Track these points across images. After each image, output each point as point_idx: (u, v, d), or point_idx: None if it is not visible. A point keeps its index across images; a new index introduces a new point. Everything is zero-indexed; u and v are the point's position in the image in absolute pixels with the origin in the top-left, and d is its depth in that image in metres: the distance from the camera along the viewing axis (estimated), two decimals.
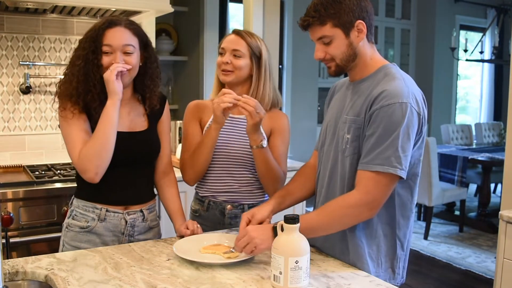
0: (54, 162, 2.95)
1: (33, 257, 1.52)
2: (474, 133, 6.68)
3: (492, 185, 6.27)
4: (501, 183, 2.72)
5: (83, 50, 1.66)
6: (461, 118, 7.96)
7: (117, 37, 1.65)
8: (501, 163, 4.55)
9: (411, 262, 1.67)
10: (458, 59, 6.65)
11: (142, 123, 1.79)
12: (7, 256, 2.27)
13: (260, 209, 1.63)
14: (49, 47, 2.95)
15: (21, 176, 2.66)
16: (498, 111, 7.86)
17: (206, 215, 1.94)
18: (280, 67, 5.60)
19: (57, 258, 1.52)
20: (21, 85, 2.89)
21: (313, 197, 1.73)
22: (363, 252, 1.49)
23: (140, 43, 1.70)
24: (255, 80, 1.86)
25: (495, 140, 6.74)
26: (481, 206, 5.27)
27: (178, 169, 1.92)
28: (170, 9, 2.76)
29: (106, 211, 1.71)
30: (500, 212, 2.20)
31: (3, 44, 2.83)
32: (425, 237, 4.86)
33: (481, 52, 6.43)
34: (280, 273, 1.30)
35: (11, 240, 2.30)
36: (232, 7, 5.03)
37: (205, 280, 1.38)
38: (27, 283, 1.42)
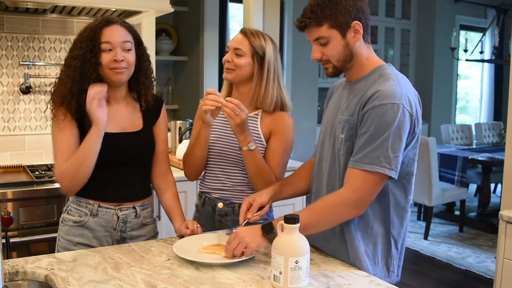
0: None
1: (33, 257, 1.53)
2: (474, 133, 6.67)
3: (492, 185, 6.27)
4: (501, 183, 2.72)
5: (80, 49, 1.66)
6: (461, 118, 7.96)
7: (115, 34, 1.66)
8: (501, 163, 4.55)
9: (411, 262, 1.68)
10: (458, 59, 6.64)
11: (137, 121, 1.80)
12: (7, 256, 2.27)
13: (260, 194, 1.67)
14: (49, 47, 2.95)
15: (21, 176, 2.66)
16: (498, 111, 7.85)
17: (202, 210, 1.98)
18: None
19: (57, 258, 1.53)
20: (21, 85, 2.89)
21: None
22: (360, 250, 1.51)
23: (134, 41, 1.73)
24: (256, 79, 1.86)
25: (495, 140, 6.74)
26: (481, 206, 5.27)
27: (178, 169, 1.93)
28: (170, 9, 2.76)
29: (99, 206, 1.74)
30: (500, 212, 2.20)
31: (3, 44, 2.83)
32: (425, 237, 4.86)
33: (481, 52, 6.43)
34: (280, 273, 1.30)
35: (11, 240, 2.30)
36: (232, 7, 5.03)
37: (205, 280, 1.38)
38: (27, 283, 1.42)
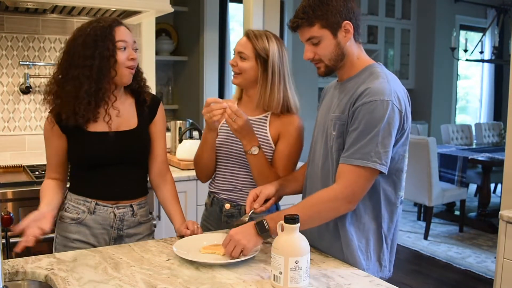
0: None
1: (33, 257, 1.53)
2: (474, 133, 6.68)
3: (492, 185, 6.27)
4: (501, 183, 2.72)
5: (94, 48, 1.64)
6: (461, 118, 7.97)
7: (127, 34, 1.71)
8: (501, 163, 4.55)
9: (411, 262, 1.69)
10: (458, 59, 6.64)
11: (132, 120, 1.80)
12: (7, 256, 2.26)
13: (267, 186, 1.71)
14: (49, 47, 2.94)
15: (21, 176, 2.66)
16: (498, 111, 7.86)
17: (210, 210, 1.99)
18: None
19: (57, 258, 1.53)
20: (21, 85, 2.88)
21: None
22: (354, 245, 1.53)
23: None
24: (261, 82, 1.85)
25: (495, 140, 6.74)
26: (481, 206, 5.27)
27: (178, 169, 1.92)
28: (170, 9, 2.76)
29: (96, 204, 1.75)
30: (500, 212, 2.20)
31: (3, 44, 2.83)
32: (425, 237, 4.86)
33: (481, 52, 6.43)
34: (280, 273, 1.30)
35: (11, 240, 2.30)
36: (232, 7, 5.03)
37: (205, 280, 1.38)
38: (27, 283, 1.43)
